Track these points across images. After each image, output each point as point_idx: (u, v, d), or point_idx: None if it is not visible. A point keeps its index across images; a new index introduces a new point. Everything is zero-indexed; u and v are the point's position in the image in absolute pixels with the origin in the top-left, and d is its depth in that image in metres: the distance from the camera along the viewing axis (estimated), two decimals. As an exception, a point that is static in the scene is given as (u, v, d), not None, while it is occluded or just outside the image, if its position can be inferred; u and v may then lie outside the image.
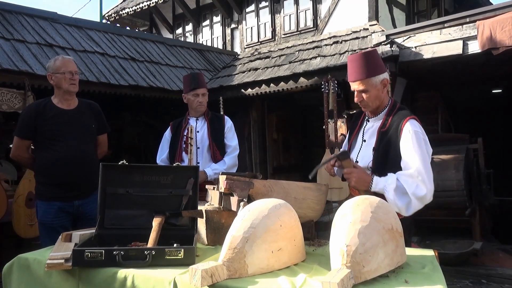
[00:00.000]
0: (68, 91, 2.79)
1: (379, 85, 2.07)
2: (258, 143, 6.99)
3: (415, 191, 1.92)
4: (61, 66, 2.74)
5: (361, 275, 1.37)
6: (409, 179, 1.93)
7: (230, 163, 3.09)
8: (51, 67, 2.78)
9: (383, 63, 2.20)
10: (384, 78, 2.09)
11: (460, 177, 5.06)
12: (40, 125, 2.73)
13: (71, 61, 2.83)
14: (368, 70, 2.05)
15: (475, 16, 4.85)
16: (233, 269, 1.45)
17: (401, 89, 6.30)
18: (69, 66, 2.77)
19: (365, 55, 2.08)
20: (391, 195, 1.94)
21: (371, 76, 2.05)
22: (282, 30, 7.98)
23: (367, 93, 2.07)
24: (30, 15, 5.57)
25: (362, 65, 2.06)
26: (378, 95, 2.09)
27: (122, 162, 2.00)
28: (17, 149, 2.83)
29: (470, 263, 4.59)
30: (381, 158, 2.05)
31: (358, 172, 2.03)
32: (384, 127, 2.08)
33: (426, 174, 1.93)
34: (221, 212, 2.00)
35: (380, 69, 2.08)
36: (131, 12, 9.86)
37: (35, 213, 2.77)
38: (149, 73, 6.16)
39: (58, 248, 1.78)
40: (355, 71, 2.08)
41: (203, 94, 3.12)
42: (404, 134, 1.98)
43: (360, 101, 2.12)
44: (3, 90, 4.41)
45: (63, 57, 2.84)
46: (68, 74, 2.75)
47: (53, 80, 2.78)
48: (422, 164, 1.93)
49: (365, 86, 2.06)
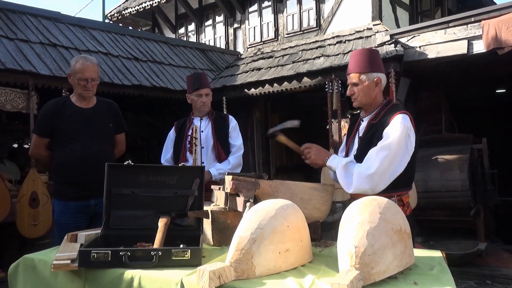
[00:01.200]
0: (81, 96, 2.78)
1: (371, 82, 2.14)
2: (261, 143, 6.98)
3: (364, 170, 1.97)
4: (78, 71, 2.69)
5: (370, 277, 1.35)
6: (365, 161, 2.01)
7: (234, 163, 3.08)
8: (71, 67, 2.74)
9: (386, 63, 2.25)
10: (377, 77, 2.15)
11: (464, 177, 5.04)
12: (57, 123, 2.72)
13: (91, 66, 2.72)
14: (363, 65, 2.14)
15: (480, 16, 4.82)
16: (240, 270, 1.44)
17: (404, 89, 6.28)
18: (86, 72, 2.69)
19: (364, 52, 2.18)
20: (338, 171, 2.07)
21: (365, 71, 2.13)
22: (285, 30, 7.96)
23: (358, 87, 2.16)
24: (34, 15, 5.58)
25: (359, 60, 2.16)
26: (369, 92, 2.15)
27: (127, 162, 2.00)
28: (35, 147, 2.81)
29: (475, 264, 4.57)
30: (365, 146, 2.10)
31: (318, 148, 2.20)
32: (375, 119, 2.14)
33: (384, 159, 1.95)
34: (227, 212, 1.99)
35: (376, 68, 2.15)
36: (133, 12, 9.87)
37: (39, 212, 2.77)
38: (152, 73, 6.16)
39: (64, 248, 1.78)
40: (352, 65, 2.18)
41: (207, 94, 3.10)
42: (391, 123, 2.02)
43: (351, 94, 2.21)
44: (6, 90, 4.41)
45: (84, 61, 2.72)
46: (82, 81, 2.69)
47: (70, 80, 2.76)
48: (388, 151, 1.96)
49: (357, 80, 2.15)
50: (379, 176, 1.96)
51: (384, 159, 1.95)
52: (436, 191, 5.13)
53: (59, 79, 4.78)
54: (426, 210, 5.11)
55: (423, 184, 5.16)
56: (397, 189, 2.07)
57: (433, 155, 5.43)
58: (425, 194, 5.07)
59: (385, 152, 1.96)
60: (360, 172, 1.98)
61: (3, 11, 5.23)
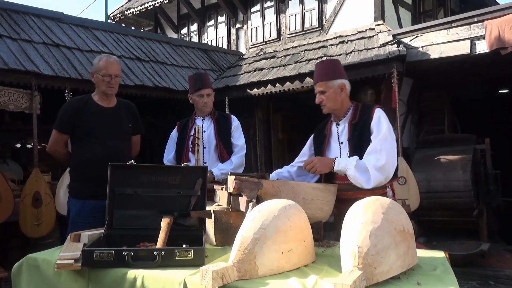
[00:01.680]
0: (105, 93, 2.78)
1: (336, 88, 2.31)
2: (263, 143, 6.99)
3: (376, 163, 2.13)
4: (102, 68, 2.72)
5: (373, 277, 1.35)
6: (372, 155, 2.16)
7: (237, 163, 3.07)
8: (94, 66, 2.77)
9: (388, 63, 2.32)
10: (342, 83, 2.33)
11: (467, 177, 5.03)
12: (79, 120, 2.72)
13: (115, 63, 2.78)
14: (327, 74, 2.33)
15: (483, 16, 4.82)
16: (243, 270, 1.44)
17: (407, 89, 6.28)
18: (110, 69, 2.73)
19: (328, 62, 2.44)
20: (352, 171, 2.14)
21: (330, 79, 2.31)
22: (287, 30, 7.96)
23: (325, 94, 2.32)
24: (37, 15, 5.59)
25: (323, 69, 2.35)
26: (336, 97, 2.32)
27: (130, 162, 2.00)
28: (54, 143, 2.78)
29: (477, 265, 4.56)
30: (357, 143, 2.25)
31: (319, 158, 2.28)
32: (355, 119, 2.31)
33: (387, 148, 2.17)
34: (229, 212, 1.99)
35: (339, 75, 2.35)
36: (136, 12, 9.88)
37: (42, 212, 2.75)
38: (155, 73, 6.17)
39: (67, 248, 1.78)
40: (317, 75, 2.36)
41: (208, 94, 3.09)
42: (374, 117, 2.25)
43: (320, 101, 2.35)
44: (10, 90, 4.43)
45: (108, 58, 2.78)
46: (107, 78, 2.72)
47: (94, 79, 2.77)
48: (386, 141, 2.19)
49: (323, 88, 2.32)
50: (389, 165, 2.17)
51: (388, 149, 2.18)
52: (439, 191, 5.12)
53: (62, 79, 4.80)
54: (429, 210, 5.11)
55: (426, 184, 5.15)
56: (391, 179, 2.26)
57: (435, 155, 5.42)
58: (428, 194, 5.06)
59: (386, 143, 2.18)
60: (374, 166, 2.12)
61: (6, 12, 5.25)
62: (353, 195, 2.23)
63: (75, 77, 4.89)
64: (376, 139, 2.19)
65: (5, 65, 4.34)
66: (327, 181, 2.35)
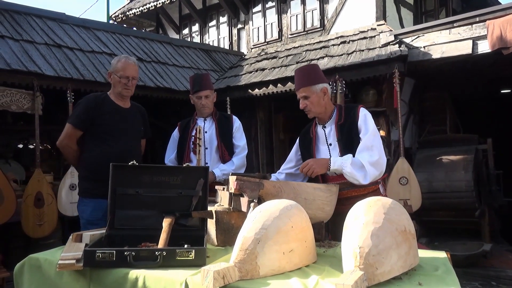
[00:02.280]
0: (121, 94, 2.78)
1: (319, 92, 2.36)
2: (265, 144, 6.99)
3: (370, 159, 2.20)
4: (120, 69, 2.71)
5: (374, 277, 1.35)
6: (364, 152, 2.23)
7: (238, 164, 3.07)
8: (112, 66, 2.76)
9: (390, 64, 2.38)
10: (324, 87, 2.37)
11: (469, 178, 5.03)
12: (97, 117, 2.69)
13: (132, 65, 2.76)
14: (308, 79, 2.37)
15: (485, 16, 4.81)
16: (244, 271, 1.44)
17: (409, 89, 6.27)
18: (128, 70, 2.72)
19: (307, 68, 2.46)
20: (349, 168, 2.18)
21: (311, 84, 2.35)
22: (289, 30, 7.96)
23: (308, 99, 2.36)
24: (39, 16, 5.61)
25: (304, 75, 2.40)
26: (319, 101, 2.37)
27: (132, 162, 2.00)
28: (67, 138, 2.70)
29: (479, 265, 4.55)
30: (347, 143, 2.31)
31: (314, 160, 2.31)
32: (340, 120, 2.38)
33: (377, 145, 2.26)
34: (231, 213, 1.99)
35: (320, 80, 2.39)
36: (137, 12, 9.89)
37: (44, 212, 2.72)
38: (156, 73, 6.17)
39: (69, 248, 1.79)
40: (298, 81, 2.41)
41: (206, 96, 3.06)
42: (360, 116, 2.32)
43: (304, 107, 2.39)
44: (12, 90, 4.44)
45: (127, 60, 2.76)
46: (124, 79, 2.71)
47: (111, 79, 2.77)
48: (375, 137, 2.28)
49: (307, 93, 2.36)
50: (382, 160, 2.25)
51: (379, 145, 2.27)
52: (441, 191, 5.11)
53: (64, 80, 4.81)
54: (431, 210, 5.10)
55: (428, 184, 5.14)
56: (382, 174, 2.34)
57: (437, 155, 5.41)
58: (430, 194, 5.05)
59: (376, 139, 2.27)
60: (369, 162, 2.19)
61: (8, 12, 5.26)
62: (347, 194, 2.30)
63: (77, 78, 4.90)
64: (365, 136, 2.27)
65: (7, 65, 4.35)
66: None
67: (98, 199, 2.59)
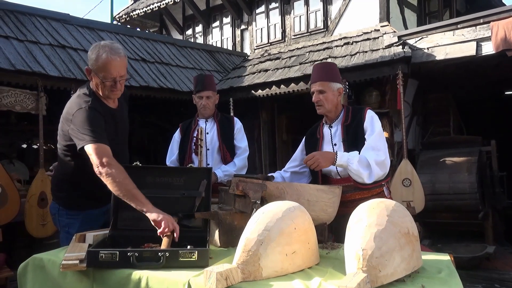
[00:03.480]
0: (108, 98, 2.21)
1: (335, 91, 2.37)
2: (268, 145, 6.98)
3: (376, 158, 2.19)
4: (101, 69, 2.07)
5: (377, 280, 1.35)
6: (370, 151, 2.21)
7: (240, 165, 3.07)
8: (91, 62, 2.10)
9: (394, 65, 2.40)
10: (340, 87, 2.39)
11: (472, 179, 5.01)
12: None
13: (118, 61, 2.08)
14: (328, 75, 2.37)
15: (489, 17, 4.79)
16: (247, 272, 1.44)
17: (412, 91, 6.26)
18: (112, 70, 2.07)
19: (328, 64, 2.50)
20: (355, 165, 2.15)
21: (330, 80, 2.35)
22: (292, 31, 7.96)
23: (324, 94, 2.34)
24: (43, 17, 5.63)
25: (324, 70, 2.39)
26: (334, 99, 2.37)
27: (135, 163, 2.01)
28: (110, 157, 1.98)
29: (483, 268, 4.53)
30: (352, 144, 2.31)
31: (320, 152, 2.27)
32: (347, 121, 2.38)
33: (383, 146, 2.27)
34: (234, 214, 1.99)
35: (338, 79, 2.40)
36: (141, 13, 9.92)
37: (47, 212, 2.51)
38: (160, 74, 6.19)
39: (72, 248, 1.79)
40: (317, 74, 2.39)
41: (208, 97, 3.06)
42: (367, 118, 2.32)
43: (317, 101, 2.37)
44: (16, 91, 4.46)
45: (109, 55, 2.04)
46: (109, 82, 2.09)
47: (91, 77, 2.15)
48: (381, 138, 2.28)
49: (323, 88, 2.34)
50: (387, 161, 2.25)
51: (384, 147, 2.27)
52: (444, 193, 5.10)
53: (68, 80, 4.83)
54: (434, 212, 5.08)
55: (431, 186, 5.13)
56: (386, 177, 2.34)
57: (441, 157, 5.40)
58: (433, 196, 5.04)
59: (382, 140, 2.27)
60: (375, 161, 2.18)
61: (13, 13, 5.29)
62: (351, 197, 2.29)
63: (81, 78, 4.91)
64: (371, 136, 2.26)
65: (11, 66, 4.37)
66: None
67: (87, 210, 2.24)
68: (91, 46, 2.14)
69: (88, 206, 2.25)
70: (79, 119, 2.03)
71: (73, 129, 2.04)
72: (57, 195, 2.31)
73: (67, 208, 2.26)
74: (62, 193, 2.28)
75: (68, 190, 2.26)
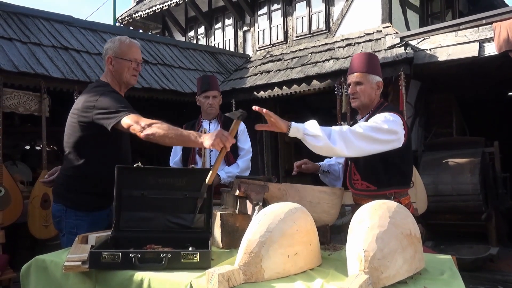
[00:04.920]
0: (127, 84, 2.32)
1: (374, 84, 2.22)
2: (270, 146, 6.99)
3: (352, 128, 1.96)
4: (126, 52, 2.25)
5: (379, 281, 1.35)
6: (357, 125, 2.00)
7: (243, 166, 3.08)
8: (114, 50, 2.24)
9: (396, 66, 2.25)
10: (379, 81, 2.24)
11: (475, 181, 4.99)
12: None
13: (138, 47, 2.31)
14: (368, 67, 2.21)
15: (492, 18, 4.78)
16: (249, 273, 1.44)
17: (415, 92, 6.24)
18: (136, 53, 2.28)
19: (369, 55, 2.28)
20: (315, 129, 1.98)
21: (370, 72, 2.20)
22: (295, 33, 7.97)
23: (361, 86, 2.20)
24: (46, 19, 5.66)
25: (364, 61, 2.22)
26: (371, 93, 2.21)
27: (137, 164, 2.01)
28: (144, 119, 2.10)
29: (486, 269, 4.52)
30: None
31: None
32: (370, 116, 2.17)
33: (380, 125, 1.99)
34: (236, 215, 1.99)
35: (378, 72, 2.25)
36: (144, 15, 9.95)
37: (50, 214, 2.51)
38: (162, 75, 6.20)
39: (75, 250, 1.79)
40: (356, 65, 2.23)
41: (214, 96, 3.09)
42: (377, 115, 2.08)
43: (353, 92, 2.23)
44: (19, 92, 4.48)
45: (131, 40, 2.29)
46: (134, 64, 2.26)
47: (113, 65, 2.25)
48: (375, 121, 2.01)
49: (361, 79, 2.19)
50: (364, 137, 1.95)
51: (370, 125, 1.99)
52: (447, 194, 5.08)
53: (71, 82, 4.85)
54: (437, 213, 5.07)
55: (434, 187, 5.11)
56: (392, 186, 2.11)
57: (444, 158, 5.39)
58: (436, 197, 5.02)
59: (371, 122, 2.01)
60: (350, 129, 1.96)
61: (16, 15, 5.32)
62: (362, 201, 2.19)
63: (84, 80, 4.93)
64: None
65: (15, 68, 4.40)
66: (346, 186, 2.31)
67: (94, 212, 2.25)
68: (105, 43, 2.26)
69: (96, 206, 2.26)
70: (106, 101, 2.10)
71: (101, 112, 2.08)
72: (64, 196, 2.27)
73: (75, 208, 2.23)
74: (71, 193, 2.25)
75: (78, 188, 2.24)
